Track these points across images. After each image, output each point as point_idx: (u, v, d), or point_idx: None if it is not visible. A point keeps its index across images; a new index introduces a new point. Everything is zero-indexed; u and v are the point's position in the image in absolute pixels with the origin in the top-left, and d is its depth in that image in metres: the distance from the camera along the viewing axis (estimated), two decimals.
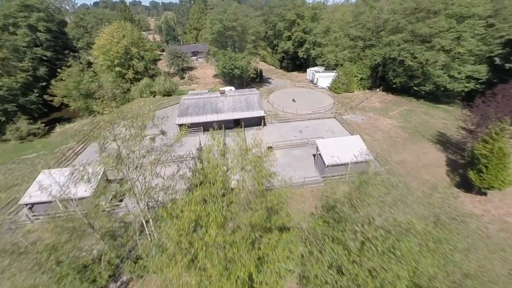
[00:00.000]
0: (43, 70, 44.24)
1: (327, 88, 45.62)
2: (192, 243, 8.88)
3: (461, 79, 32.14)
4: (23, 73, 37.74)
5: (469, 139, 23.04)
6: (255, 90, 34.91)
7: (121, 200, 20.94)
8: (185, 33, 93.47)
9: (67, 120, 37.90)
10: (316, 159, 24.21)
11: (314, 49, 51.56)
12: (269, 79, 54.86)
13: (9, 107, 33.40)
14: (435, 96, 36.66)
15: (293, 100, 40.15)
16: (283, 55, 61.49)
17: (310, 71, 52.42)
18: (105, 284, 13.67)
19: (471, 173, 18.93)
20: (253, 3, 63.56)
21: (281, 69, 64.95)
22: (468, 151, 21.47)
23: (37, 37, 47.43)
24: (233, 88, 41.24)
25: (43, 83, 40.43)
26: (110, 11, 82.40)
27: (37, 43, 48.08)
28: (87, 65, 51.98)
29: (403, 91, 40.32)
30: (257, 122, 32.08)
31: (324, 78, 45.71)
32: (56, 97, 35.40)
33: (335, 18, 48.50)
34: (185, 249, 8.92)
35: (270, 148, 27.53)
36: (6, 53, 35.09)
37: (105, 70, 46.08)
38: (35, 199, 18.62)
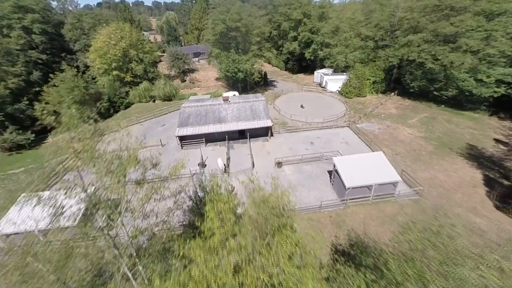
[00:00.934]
0: (37, 74, 42.10)
1: (337, 92, 42.65)
2: None
3: (490, 83, 28.94)
4: (14, 78, 35.57)
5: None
6: (260, 96, 32.18)
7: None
8: (187, 34, 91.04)
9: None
10: (333, 178, 21.40)
11: (322, 50, 48.65)
12: (274, 82, 52.02)
13: None
14: (458, 101, 33.48)
15: (302, 106, 37.30)
16: (288, 56, 58.49)
17: (317, 73, 49.47)
18: None
19: None
20: (257, 1, 60.71)
21: (286, 70, 62.01)
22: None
23: (32, 39, 45.34)
24: (236, 93, 38.55)
25: (37, 88, 38.16)
26: (110, 11, 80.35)
27: (33, 45, 46.04)
28: (85, 68, 49.90)
29: (421, 95, 37.17)
30: (264, 132, 29.34)
31: (333, 81, 42.74)
32: (48, 104, 33.04)
33: (344, 17, 45.44)
34: None
35: (279, 163, 24.88)
36: None
37: (102, 74, 43.80)
38: (8, 230, 16.10)
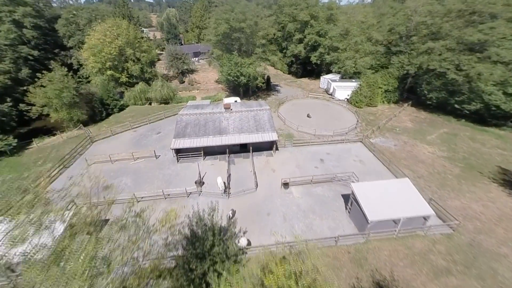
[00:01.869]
0: (25, 72, 39.17)
1: (346, 100, 39.84)
2: None
3: None
4: (1, 76, 32.77)
5: None
6: (264, 104, 29.31)
7: None
8: (187, 32, 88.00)
9: (49, 132, 32.62)
10: (350, 205, 18.66)
11: (329, 54, 45.81)
12: (277, 86, 49.12)
13: None
14: (481, 116, 30.71)
15: (308, 115, 34.47)
16: (292, 59, 55.68)
17: (324, 79, 46.65)
18: None
19: None
20: (261, 0, 57.73)
21: (289, 74, 59.22)
22: None
23: (23, 34, 42.37)
24: (238, 99, 35.68)
25: (25, 87, 35.18)
26: (108, 7, 77.24)
27: (24, 40, 43.07)
28: (79, 66, 46.97)
29: (439, 108, 34.39)
30: (268, 145, 26.55)
31: (342, 88, 39.88)
32: (34, 106, 30.20)
33: (355, 20, 42.58)
34: None
35: (286, 184, 22.10)
36: None
37: (96, 73, 40.90)
38: None
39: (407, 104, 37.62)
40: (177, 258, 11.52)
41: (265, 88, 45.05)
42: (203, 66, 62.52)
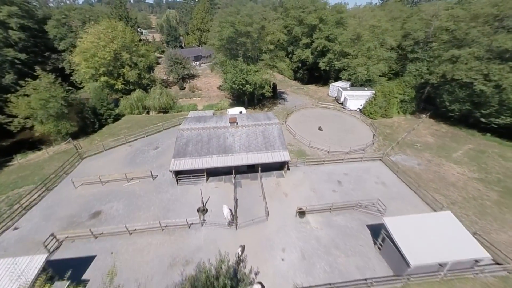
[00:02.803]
0: (10, 77, 36.10)
1: (359, 110, 37.14)
2: None
3: None
4: None
5: None
6: (273, 117, 26.51)
7: None
8: (188, 34, 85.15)
9: (34, 147, 29.49)
10: (381, 242, 15.95)
11: (338, 60, 43.24)
12: (283, 94, 46.43)
13: None
14: (508, 130, 28.10)
15: (320, 128, 31.71)
16: (299, 64, 53.03)
17: (334, 86, 44.06)
18: None
19: None
20: (266, 3, 55.11)
21: (294, 80, 56.54)
22: None
23: (8, 35, 39.31)
24: (243, 109, 32.86)
25: (9, 94, 32.05)
26: (105, 8, 74.20)
27: (11, 43, 40.01)
28: (71, 71, 43.85)
29: (460, 120, 31.78)
30: (279, 165, 23.71)
31: (354, 98, 37.16)
32: (16, 117, 27.11)
33: (368, 24, 40.05)
34: None
35: (302, 212, 19.27)
36: None
37: (88, 79, 37.80)
38: None
39: (424, 115, 35.02)
40: None
41: (272, 96, 42.27)
42: (205, 71, 59.62)
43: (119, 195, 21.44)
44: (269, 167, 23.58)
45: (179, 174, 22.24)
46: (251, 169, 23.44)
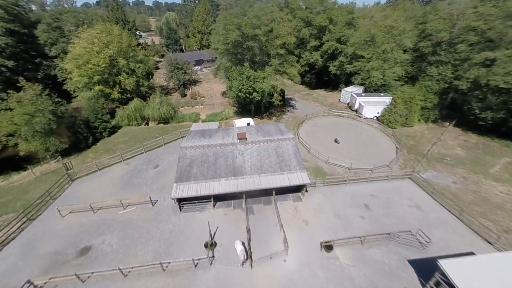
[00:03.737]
0: None
1: (376, 119, 34.16)
2: None
3: None
4: None
5: None
6: (286, 130, 23.59)
7: None
8: (188, 37, 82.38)
9: (20, 167, 26.33)
10: (434, 286, 12.85)
11: (351, 64, 40.37)
12: (292, 100, 43.52)
13: None
14: None
15: (336, 140, 28.74)
16: (306, 68, 50.17)
17: (346, 92, 41.13)
18: None
19: None
20: (272, 3, 52.35)
21: (301, 84, 53.65)
22: None
23: None
24: (251, 121, 29.92)
25: None
26: (97, 10, 71.55)
27: None
28: (63, 79, 40.97)
29: (491, 129, 28.78)
30: (295, 186, 20.72)
31: (371, 105, 34.17)
32: None
33: (383, 24, 37.18)
34: None
35: (328, 246, 16.29)
36: None
37: (81, 88, 34.92)
38: None
39: (449, 123, 32.03)
40: None
41: (280, 103, 39.34)
42: (207, 75, 56.67)
43: (113, 226, 18.49)
44: (284, 190, 20.60)
45: (183, 200, 19.27)
46: (263, 191, 20.46)
